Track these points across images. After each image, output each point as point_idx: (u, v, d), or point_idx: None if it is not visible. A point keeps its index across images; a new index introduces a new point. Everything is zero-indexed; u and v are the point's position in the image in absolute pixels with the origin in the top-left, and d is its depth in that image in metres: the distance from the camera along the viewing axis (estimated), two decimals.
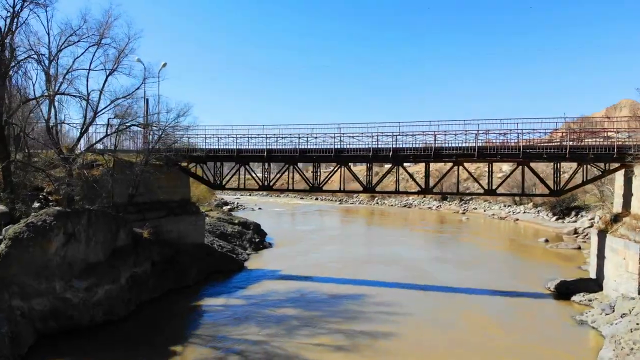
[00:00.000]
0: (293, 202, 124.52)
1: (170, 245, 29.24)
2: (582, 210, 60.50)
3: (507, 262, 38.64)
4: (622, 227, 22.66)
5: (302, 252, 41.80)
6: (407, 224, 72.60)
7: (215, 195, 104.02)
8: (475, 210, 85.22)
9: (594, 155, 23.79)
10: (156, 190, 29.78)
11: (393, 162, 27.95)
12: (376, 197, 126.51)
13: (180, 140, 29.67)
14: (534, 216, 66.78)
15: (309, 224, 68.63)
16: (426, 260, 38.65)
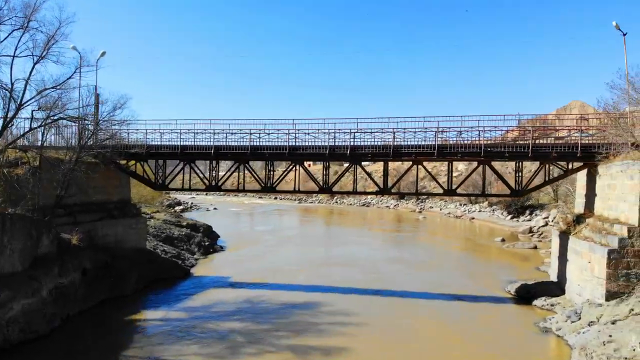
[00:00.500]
0: (251, 202, 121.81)
1: (107, 250, 26.50)
2: (536, 209, 61.12)
3: (465, 263, 37.86)
4: (585, 228, 21.84)
5: (256, 255, 39.65)
6: (365, 223, 71.68)
7: (169, 195, 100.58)
8: (432, 209, 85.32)
9: (558, 154, 22.92)
10: (90, 191, 26.93)
11: (350, 160, 26.31)
12: (335, 196, 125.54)
13: (117, 135, 26.91)
14: (489, 215, 67.14)
15: (266, 224, 66.39)
16: (384, 261, 37.35)
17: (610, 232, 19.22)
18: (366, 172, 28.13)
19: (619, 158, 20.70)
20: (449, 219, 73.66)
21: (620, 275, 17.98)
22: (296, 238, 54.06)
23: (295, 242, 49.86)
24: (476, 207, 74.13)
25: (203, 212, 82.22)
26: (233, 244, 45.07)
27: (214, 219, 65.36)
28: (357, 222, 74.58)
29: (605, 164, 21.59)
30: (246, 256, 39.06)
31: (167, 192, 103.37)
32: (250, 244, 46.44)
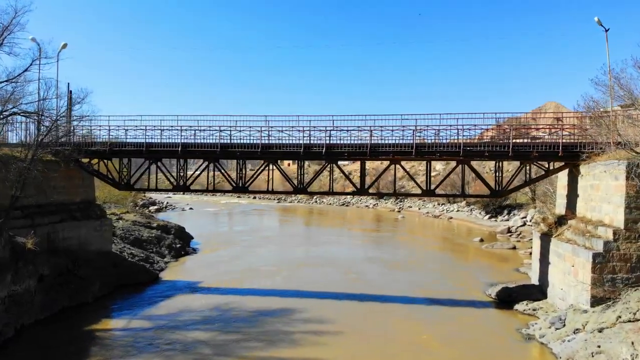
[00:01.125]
0: (229, 202, 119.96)
1: (68, 254, 24.86)
2: (514, 209, 61.02)
3: (444, 264, 37.18)
4: (567, 230, 21.16)
5: (231, 257, 38.30)
6: (344, 222, 70.60)
7: (143, 195, 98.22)
8: (411, 209, 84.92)
9: (539, 154, 22.22)
10: (50, 191, 25.28)
11: (326, 159, 25.20)
12: (315, 195, 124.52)
13: (77, 132, 25.27)
14: (467, 214, 66.93)
15: (244, 224, 64.94)
16: (362, 262, 36.55)
17: (594, 235, 18.53)
18: (343, 171, 27.06)
19: (602, 157, 20.07)
20: (428, 218, 73.36)
21: (606, 280, 17.28)
22: (274, 238, 52.81)
23: (273, 242, 48.61)
24: (454, 207, 73.95)
25: (178, 212, 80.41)
26: (207, 245, 43.58)
27: (189, 219, 63.67)
28: (336, 221, 73.61)
29: (587, 163, 20.95)
30: (220, 258, 37.65)
31: (143, 192, 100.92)
32: (226, 245, 45.03)
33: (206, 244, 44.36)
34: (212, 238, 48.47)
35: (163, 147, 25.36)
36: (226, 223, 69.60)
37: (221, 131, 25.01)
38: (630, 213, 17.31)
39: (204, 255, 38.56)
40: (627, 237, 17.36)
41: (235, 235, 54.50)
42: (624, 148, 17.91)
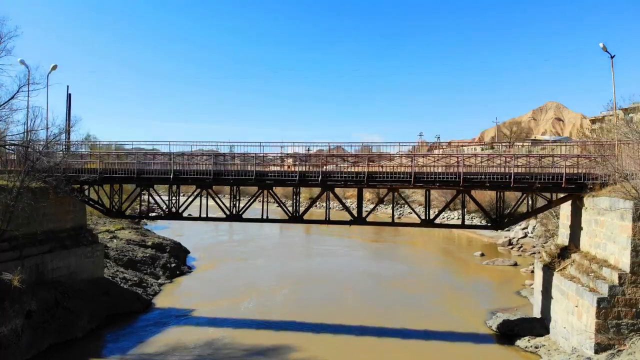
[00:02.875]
0: None
1: (57, 286, 24.19)
2: (514, 218, 60.37)
3: (444, 283, 36.46)
4: (571, 266, 20.46)
5: (228, 274, 37.80)
6: (343, 230, 69.41)
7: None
8: (411, 215, 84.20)
9: (541, 185, 21.51)
10: (39, 220, 24.52)
11: (322, 187, 24.51)
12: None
13: (66, 160, 24.56)
14: (468, 223, 66.21)
15: (243, 232, 64.00)
16: (361, 280, 36.39)
17: (599, 276, 17.82)
18: (340, 200, 26.17)
19: (605, 190, 19.39)
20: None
21: (611, 326, 16.59)
22: (273, 249, 52.29)
23: (272, 253, 48.08)
24: (454, 214, 73.20)
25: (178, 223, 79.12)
26: (204, 260, 43.01)
27: (188, 227, 62.77)
28: (336, 228, 72.89)
29: (591, 196, 20.24)
30: (216, 277, 37.07)
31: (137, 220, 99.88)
32: (223, 259, 44.44)
33: (203, 259, 43.77)
34: (209, 251, 47.90)
35: (154, 174, 24.67)
36: (225, 231, 68.57)
37: (215, 157, 24.30)
38: (637, 256, 16.59)
39: (200, 274, 37.92)
40: (633, 281, 16.66)
41: (233, 246, 53.98)
42: (628, 181, 17.19)
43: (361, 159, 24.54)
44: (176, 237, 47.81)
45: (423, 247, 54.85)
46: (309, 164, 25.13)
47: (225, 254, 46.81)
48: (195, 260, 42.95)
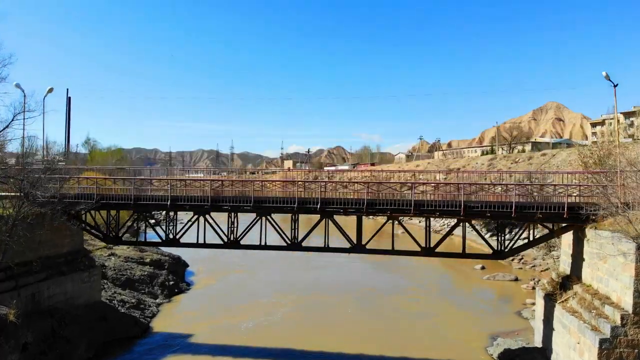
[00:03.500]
0: None
1: (54, 313, 23.97)
2: (516, 227, 60.06)
3: (443, 301, 36.22)
4: (573, 299, 20.19)
5: (228, 289, 37.70)
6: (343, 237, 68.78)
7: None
8: (411, 221, 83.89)
9: (543, 215, 21.23)
10: (36, 246, 24.18)
11: (321, 214, 24.22)
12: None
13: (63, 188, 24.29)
14: (469, 231, 65.55)
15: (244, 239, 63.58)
16: (361, 295, 36.27)
17: (601, 314, 17.55)
18: (339, 228, 25.65)
19: (608, 222, 19.12)
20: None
21: None
22: (273, 260, 52.00)
23: (272, 264, 47.79)
24: (455, 221, 72.81)
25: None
26: (203, 274, 42.80)
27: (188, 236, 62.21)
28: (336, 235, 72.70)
29: (594, 228, 19.94)
30: (215, 293, 36.90)
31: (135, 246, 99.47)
32: (223, 272, 44.20)
33: (202, 272, 43.56)
34: (208, 263, 47.59)
35: (151, 200, 24.39)
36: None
37: (212, 182, 24.05)
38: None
39: (199, 290, 37.70)
40: (636, 322, 16.37)
41: (232, 257, 53.52)
42: (626, 209, 16.94)
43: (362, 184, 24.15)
44: (175, 249, 47.60)
45: (422, 258, 54.54)
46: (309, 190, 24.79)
47: (224, 267, 46.52)
48: (194, 274, 42.74)
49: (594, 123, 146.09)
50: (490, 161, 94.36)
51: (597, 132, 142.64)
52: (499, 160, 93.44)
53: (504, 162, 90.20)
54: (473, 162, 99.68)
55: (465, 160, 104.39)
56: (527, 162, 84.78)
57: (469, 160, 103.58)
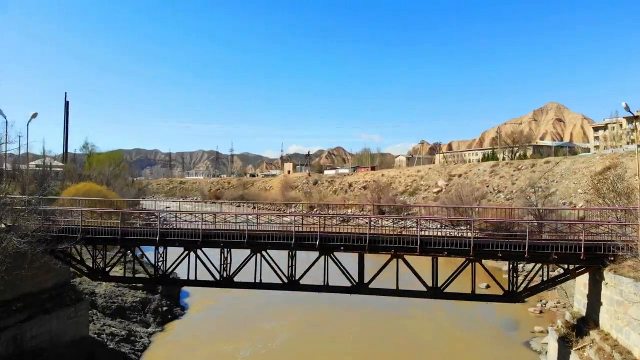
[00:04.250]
0: None
1: (38, 354, 22.59)
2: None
3: (446, 325, 34.88)
4: (590, 347, 18.77)
5: (224, 313, 36.24)
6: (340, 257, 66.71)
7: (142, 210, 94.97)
8: (412, 229, 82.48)
9: (558, 256, 19.79)
10: (18, 283, 22.80)
11: (320, 251, 22.75)
12: (315, 209, 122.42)
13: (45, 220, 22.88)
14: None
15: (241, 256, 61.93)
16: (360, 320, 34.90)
17: None
18: (338, 265, 23.83)
19: (629, 265, 17.75)
20: None
21: None
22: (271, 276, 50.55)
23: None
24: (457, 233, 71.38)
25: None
26: (198, 295, 41.28)
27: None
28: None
29: (614, 270, 18.53)
30: (210, 317, 35.55)
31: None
32: (220, 290, 42.68)
33: (197, 293, 42.06)
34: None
35: (139, 235, 22.96)
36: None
37: (204, 217, 22.60)
38: None
39: (193, 315, 36.31)
40: None
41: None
42: None
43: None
44: None
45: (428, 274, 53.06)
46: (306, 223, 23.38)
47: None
48: (189, 295, 41.30)
49: (597, 127, 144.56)
50: (493, 168, 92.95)
51: (599, 137, 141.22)
52: (501, 167, 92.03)
53: (507, 169, 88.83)
54: (475, 168, 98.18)
55: (466, 167, 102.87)
56: (529, 169, 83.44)
57: (470, 166, 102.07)
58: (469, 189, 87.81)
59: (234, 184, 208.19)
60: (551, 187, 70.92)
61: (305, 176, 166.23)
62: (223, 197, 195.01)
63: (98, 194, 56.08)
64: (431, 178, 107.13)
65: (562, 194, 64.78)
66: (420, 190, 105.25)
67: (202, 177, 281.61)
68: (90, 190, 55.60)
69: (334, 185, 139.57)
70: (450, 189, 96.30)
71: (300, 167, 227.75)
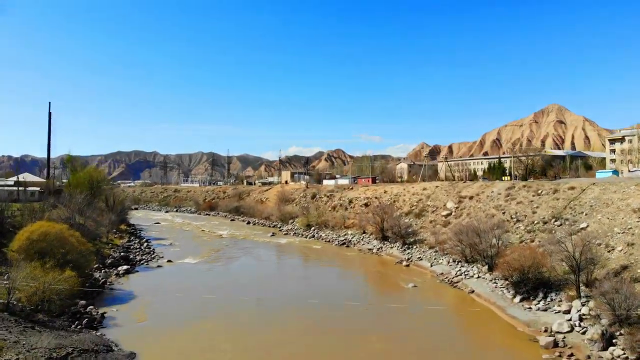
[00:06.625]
0: (222, 237, 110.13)
1: None
2: (550, 289, 49.99)
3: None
4: None
5: None
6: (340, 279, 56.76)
7: (118, 242, 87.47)
8: (421, 262, 74.07)
9: None
10: None
11: None
12: (313, 227, 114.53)
13: None
14: (491, 289, 55.90)
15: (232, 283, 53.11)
16: None
17: None
18: None
19: None
20: (443, 286, 62.17)
21: None
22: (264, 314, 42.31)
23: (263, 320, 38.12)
24: (474, 270, 63.07)
25: (151, 272, 68.30)
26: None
27: (162, 289, 51.91)
28: (330, 276, 62.81)
29: None
30: None
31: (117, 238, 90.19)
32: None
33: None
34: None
35: None
36: (209, 287, 57.49)
37: None
38: None
39: None
40: None
41: (216, 315, 43.65)
42: None
43: None
44: None
45: (441, 329, 44.79)
46: None
47: (203, 346, 36.75)
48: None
49: (613, 139, 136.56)
50: (508, 191, 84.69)
51: (616, 150, 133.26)
52: (517, 190, 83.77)
53: (524, 194, 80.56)
54: (488, 190, 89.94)
55: (478, 187, 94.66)
56: (551, 195, 75.18)
57: (482, 187, 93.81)
58: (482, 215, 79.76)
59: (229, 194, 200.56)
60: (579, 221, 62.61)
61: (303, 188, 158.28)
62: (218, 207, 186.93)
63: (56, 237, 47.91)
64: (439, 198, 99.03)
65: (594, 231, 56.38)
66: (427, 211, 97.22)
67: (197, 184, 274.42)
68: (47, 234, 47.39)
69: (333, 201, 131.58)
70: (460, 212, 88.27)
71: (299, 175, 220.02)
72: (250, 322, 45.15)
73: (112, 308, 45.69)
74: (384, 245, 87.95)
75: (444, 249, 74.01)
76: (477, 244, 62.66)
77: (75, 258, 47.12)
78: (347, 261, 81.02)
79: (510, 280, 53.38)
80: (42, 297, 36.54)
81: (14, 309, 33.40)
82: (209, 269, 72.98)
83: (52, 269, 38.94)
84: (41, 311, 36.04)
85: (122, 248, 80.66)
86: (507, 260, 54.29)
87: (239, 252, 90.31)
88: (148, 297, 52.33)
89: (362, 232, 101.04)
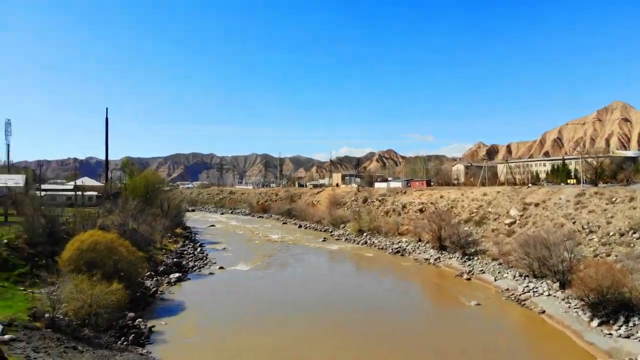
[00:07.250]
0: (275, 241, 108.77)
1: None
2: (632, 314, 44.46)
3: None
4: None
5: None
6: (392, 299, 53.50)
7: (167, 252, 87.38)
8: (483, 276, 69.06)
9: None
10: None
11: None
12: (365, 233, 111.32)
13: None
14: (564, 310, 50.55)
15: (284, 295, 51.62)
16: None
17: None
18: None
19: None
20: (510, 303, 56.90)
21: None
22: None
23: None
24: (543, 287, 57.60)
25: (204, 279, 67.88)
26: None
27: (213, 297, 50.88)
28: (380, 291, 59.34)
29: None
30: None
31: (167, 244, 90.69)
32: None
33: None
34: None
35: None
36: (261, 297, 56.04)
37: None
38: None
39: None
40: None
41: (267, 330, 41.74)
42: None
43: None
44: None
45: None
46: None
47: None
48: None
49: None
50: (578, 198, 77.85)
51: None
52: (588, 197, 76.80)
53: (596, 202, 73.67)
54: (555, 196, 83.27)
55: (544, 193, 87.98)
56: (627, 204, 68.12)
57: (549, 193, 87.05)
58: (550, 225, 73.74)
59: (281, 196, 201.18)
60: None
61: (354, 192, 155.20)
62: (270, 210, 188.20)
63: (106, 247, 47.54)
64: (501, 205, 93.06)
65: None
66: (488, 219, 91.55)
67: (251, 187, 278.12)
68: (97, 243, 47.08)
69: (385, 205, 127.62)
70: (525, 220, 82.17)
71: (350, 177, 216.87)
72: (302, 337, 42.94)
73: (161, 321, 44.70)
74: (442, 255, 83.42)
75: (508, 262, 68.81)
76: (547, 257, 57.28)
77: (125, 267, 46.67)
78: (403, 272, 77.25)
79: (586, 301, 48.00)
80: (89, 310, 35.73)
81: (60, 324, 32.69)
82: (261, 277, 71.55)
83: (99, 281, 38.17)
84: (88, 325, 35.25)
85: (175, 254, 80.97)
86: (581, 277, 49.02)
87: (291, 259, 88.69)
88: (198, 308, 51.23)
89: (417, 239, 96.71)
